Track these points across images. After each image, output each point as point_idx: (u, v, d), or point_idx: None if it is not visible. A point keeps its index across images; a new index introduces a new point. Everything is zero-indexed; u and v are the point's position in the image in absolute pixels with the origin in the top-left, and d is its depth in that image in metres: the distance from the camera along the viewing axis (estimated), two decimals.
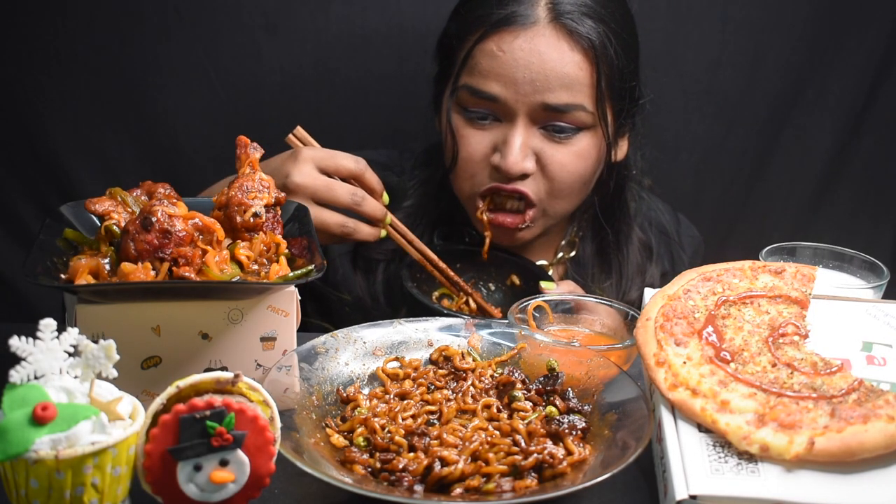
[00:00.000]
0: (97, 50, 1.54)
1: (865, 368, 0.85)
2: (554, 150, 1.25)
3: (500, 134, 1.26)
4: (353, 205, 1.17)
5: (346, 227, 1.17)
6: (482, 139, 1.27)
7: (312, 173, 1.14)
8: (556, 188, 1.28)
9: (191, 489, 0.67)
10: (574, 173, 1.27)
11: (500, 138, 1.26)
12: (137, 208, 0.95)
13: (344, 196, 1.16)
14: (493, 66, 1.23)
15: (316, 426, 0.84)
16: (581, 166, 1.27)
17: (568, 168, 1.26)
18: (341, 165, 1.17)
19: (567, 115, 1.24)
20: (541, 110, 1.23)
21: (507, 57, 1.22)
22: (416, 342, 0.98)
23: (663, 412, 0.81)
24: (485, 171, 1.28)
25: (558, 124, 1.24)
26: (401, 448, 0.80)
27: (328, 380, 0.91)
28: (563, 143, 1.25)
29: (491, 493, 0.75)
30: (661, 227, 1.49)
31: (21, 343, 0.66)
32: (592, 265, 1.44)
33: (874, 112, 1.66)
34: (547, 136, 1.25)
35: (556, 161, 1.26)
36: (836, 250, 1.11)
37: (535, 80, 1.21)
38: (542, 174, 1.27)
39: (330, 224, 1.16)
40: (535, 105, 1.22)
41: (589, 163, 1.28)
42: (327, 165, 1.16)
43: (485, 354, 0.97)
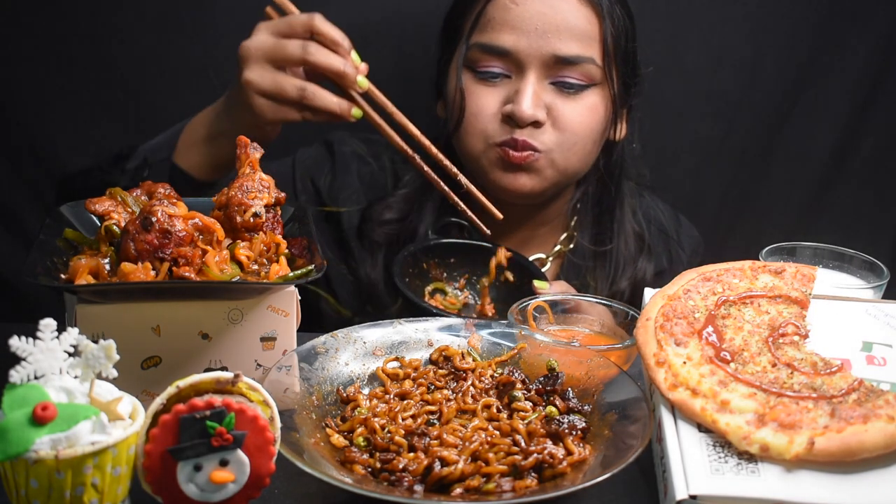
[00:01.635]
0: (97, 50, 1.54)
1: (865, 368, 0.85)
2: (564, 103, 1.28)
3: (511, 88, 1.28)
4: (303, 55, 1.10)
5: (304, 91, 1.10)
6: (493, 94, 1.29)
7: (262, 36, 1.11)
8: (567, 140, 1.29)
9: (191, 489, 0.67)
10: (584, 125, 1.29)
11: (512, 91, 1.28)
12: (137, 208, 0.95)
13: (294, 48, 1.10)
14: (507, 18, 1.25)
15: (316, 426, 0.84)
16: (590, 120, 1.30)
17: (578, 120, 1.29)
18: (293, 23, 1.11)
19: (577, 68, 1.26)
20: (552, 62, 1.25)
21: (520, 9, 1.24)
22: (416, 342, 0.98)
23: (663, 412, 0.81)
24: (495, 123, 1.29)
25: (568, 79, 1.27)
26: (401, 448, 0.80)
27: (328, 380, 0.91)
28: (572, 97, 1.28)
29: (491, 493, 0.75)
30: (661, 226, 1.50)
31: (21, 343, 0.66)
32: (588, 257, 1.44)
33: (874, 112, 1.66)
34: (557, 91, 1.28)
35: (566, 114, 1.28)
36: (836, 250, 1.11)
37: (548, 31, 1.24)
38: (553, 127, 1.28)
39: (286, 88, 1.10)
40: (547, 56, 1.25)
41: (597, 118, 1.31)
42: (279, 27, 1.12)
43: (485, 354, 0.97)
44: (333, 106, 1.12)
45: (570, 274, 1.44)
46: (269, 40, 1.11)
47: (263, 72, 1.11)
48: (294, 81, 1.11)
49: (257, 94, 1.11)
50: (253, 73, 1.11)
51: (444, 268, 1.31)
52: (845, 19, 1.61)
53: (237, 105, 1.15)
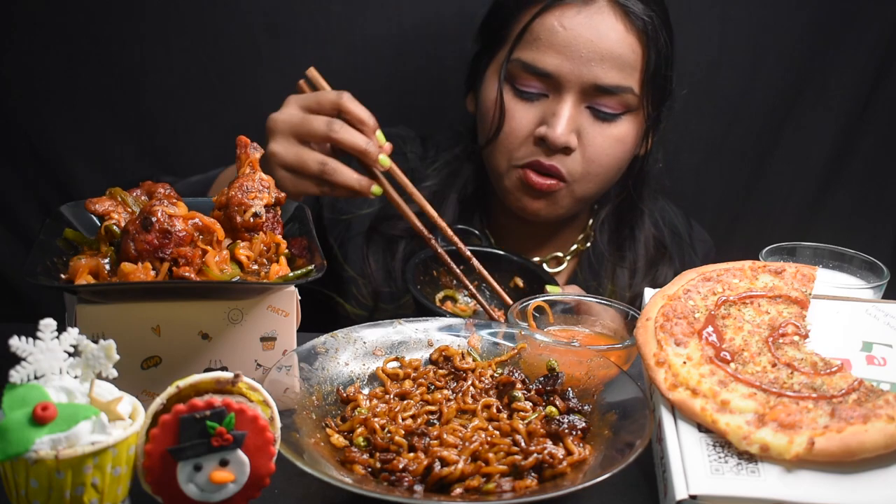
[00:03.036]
0: (97, 49, 1.54)
1: (865, 368, 0.85)
2: (596, 130, 1.28)
3: (547, 108, 1.28)
4: (328, 132, 1.11)
5: (325, 166, 1.11)
6: (529, 112, 1.29)
7: (291, 110, 1.13)
8: (593, 171, 1.30)
9: (191, 489, 0.67)
10: (612, 156, 1.30)
11: (549, 111, 1.27)
12: (137, 208, 0.95)
13: (319, 125, 1.11)
14: (553, 40, 1.24)
15: (316, 426, 0.84)
16: (619, 150, 1.30)
17: (606, 151, 1.29)
18: (322, 100, 1.13)
19: (615, 97, 1.26)
20: (591, 89, 1.25)
21: (568, 33, 1.24)
22: (416, 342, 0.98)
23: (663, 412, 0.81)
24: (528, 144, 1.29)
25: (604, 108, 1.27)
26: (401, 448, 0.80)
27: (328, 380, 0.91)
28: (605, 125, 1.28)
29: (491, 493, 0.75)
30: (674, 229, 1.50)
31: (21, 343, 0.66)
32: (605, 259, 1.45)
33: (874, 112, 1.66)
34: (591, 115, 1.28)
35: (596, 143, 1.28)
36: (836, 250, 1.11)
37: (592, 59, 1.23)
38: (581, 156, 1.29)
39: (307, 163, 1.11)
40: (588, 83, 1.25)
41: (626, 148, 1.31)
42: (308, 103, 1.13)
43: (485, 354, 0.97)
44: (353, 182, 1.13)
45: (587, 274, 1.45)
46: (296, 114, 1.12)
47: (288, 145, 1.12)
48: (316, 156, 1.12)
49: (280, 167, 1.12)
50: (278, 146, 1.12)
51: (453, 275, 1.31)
52: (845, 19, 1.61)
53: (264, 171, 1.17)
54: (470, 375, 0.92)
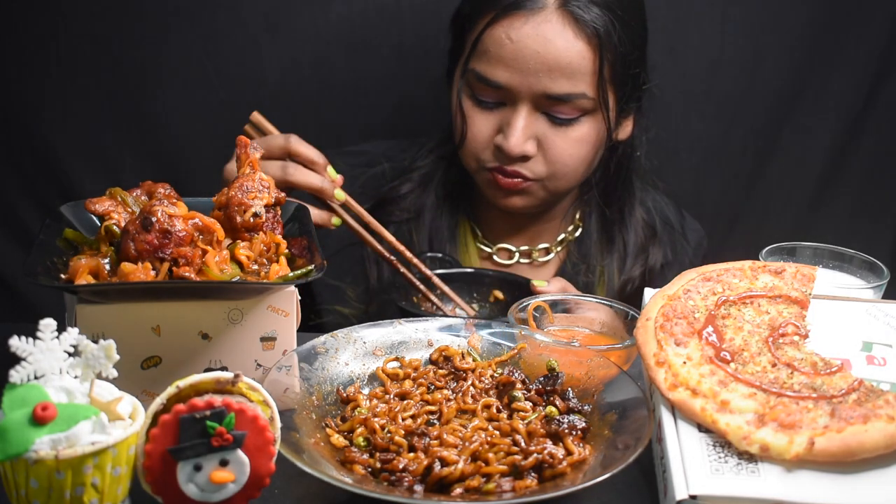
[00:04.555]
0: (97, 50, 1.54)
1: (865, 368, 0.85)
2: (555, 135, 1.29)
3: (505, 116, 1.30)
4: (283, 176, 1.14)
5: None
6: (487, 121, 1.31)
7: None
8: (557, 171, 1.32)
9: (191, 489, 0.67)
10: (574, 157, 1.31)
11: (505, 121, 1.30)
12: (137, 208, 0.95)
13: (274, 170, 1.13)
14: (501, 53, 1.26)
15: (316, 426, 0.84)
16: (581, 151, 1.31)
17: (568, 152, 1.30)
18: (272, 143, 1.16)
19: (568, 104, 1.27)
20: (543, 98, 1.26)
21: (515, 45, 1.24)
22: (416, 342, 0.98)
23: (663, 412, 0.81)
24: (489, 150, 1.32)
25: (559, 115, 1.28)
26: (401, 448, 0.80)
27: (328, 380, 0.91)
28: (564, 129, 1.29)
29: (491, 493, 0.75)
30: (666, 219, 1.51)
31: (21, 343, 0.66)
32: (595, 244, 1.45)
33: (874, 112, 1.66)
34: (548, 121, 1.29)
35: (556, 146, 1.30)
36: (836, 250, 1.11)
37: (539, 71, 1.24)
38: (543, 158, 1.30)
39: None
40: (538, 93, 1.26)
41: (588, 147, 1.32)
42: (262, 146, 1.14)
43: (485, 354, 0.97)
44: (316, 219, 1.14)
45: (577, 259, 1.45)
46: None
47: None
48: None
49: None
50: None
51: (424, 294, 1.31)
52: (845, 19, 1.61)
53: None
54: (470, 375, 0.92)
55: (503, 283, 1.32)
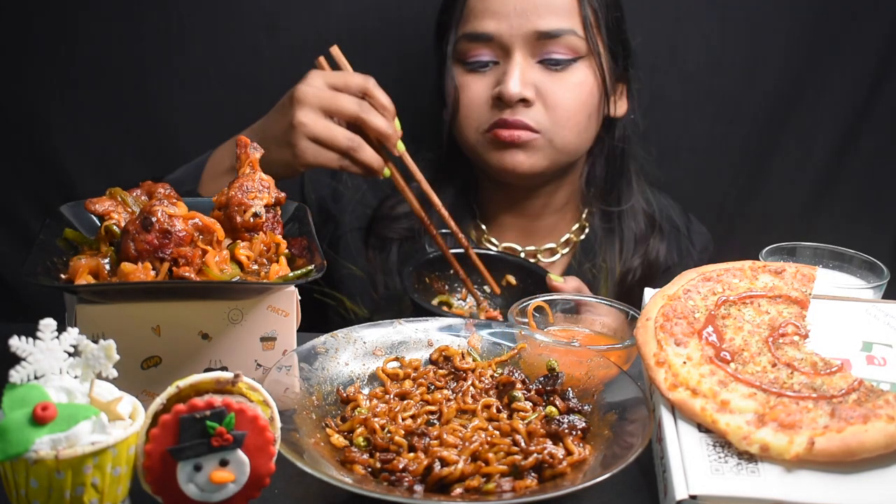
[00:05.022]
0: (97, 50, 1.54)
1: (865, 368, 0.85)
2: (552, 80, 1.31)
3: (499, 72, 1.32)
4: (359, 112, 1.16)
5: (352, 142, 1.16)
6: (482, 82, 1.33)
7: (319, 84, 1.17)
8: (560, 118, 1.32)
9: (191, 489, 0.67)
10: (574, 101, 1.32)
11: (500, 75, 1.31)
12: (137, 208, 0.95)
13: (350, 104, 1.16)
14: (487, 6, 1.30)
15: (316, 426, 0.84)
16: (580, 94, 1.33)
17: (567, 97, 1.32)
18: (350, 81, 1.18)
19: (559, 41, 1.30)
20: (534, 40, 1.29)
21: None
22: (416, 342, 0.98)
23: (663, 412, 0.81)
24: (486, 110, 1.33)
25: (553, 55, 1.30)
26: (401, 448, 0.80)
27: (328, 380, 0.91)
28: (559, 74, 1.31)
29: (491, 493, 0.75)
30: (671, 221, 1.51)
31: (21, 343, 0.66)
32: (600, 239, 1.45)
33: (874, 112, 1.66)
34: (544, 69, 1.31)
35: (554, 93, 1.31)
36: (836, 250, 1.11)
37: (526, 10, 1.28)
38: (544, 106, 1.31)
39: (338, 137, 1.16)
40: (529, 34, 1.29)
41: (586, 91, 1.33)
42: (335, 81, 1.18)
43: (485, 354, 0.97)
44: (374, 162, 1.19)
45: (583, 259, 1.45)
46: (325, 90, 1.17)
47: (317, 118, 1.16)
48: (346, 132, 1.17)
49: (306, 137, 1.16)
50: (306, 117, 1.15)
51: (445, 280, 1.31)
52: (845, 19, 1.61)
53: (274, 142, 1.18)
54: (470, 375, 0.92)
55: (518, 269, 1.32)
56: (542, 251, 1.46)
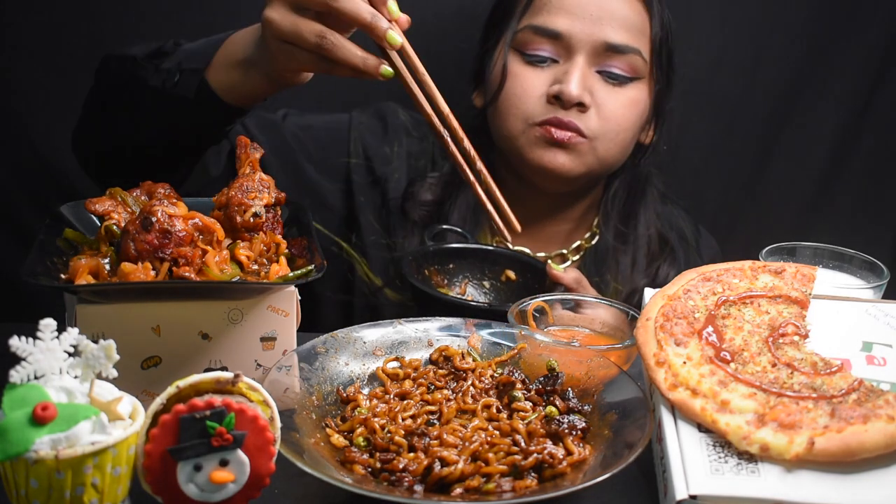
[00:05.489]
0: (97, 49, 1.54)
1: (865, 368, 0.85)
2: (608, 92, 1.30)
3: (558, 71, 1.30)
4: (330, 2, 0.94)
5: (323, 39, 0.95)
6: (539, 76, 1.31)
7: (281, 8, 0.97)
8: (611, 130, 1.31)
9: (191, 489, 0.67)
10: (626, 117, 1.32)
11: (560, 74, 1.29)
12: (137, 208, 0.95)
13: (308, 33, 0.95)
14: (563, 3, 1.29)
15: (316, 426, 0.84)
16: (632, 112, 1.32)
17: (621, 111, 1.31)
18: None
19: (624, 58, 1.29)
20: (601, 49, 1.28)
21: None
22: (415, 342, 0.98)
23: (663, 412, 0.81)
24: (541, 104, 1.30)
25: (614, 69, 1.29)
26: (400, 448, 0.80)
27: (328, 380, 0.91)
28: (616, 88, 1.30)
29: (491, 493, 0.75)
30: (681, 234, 1.50)
31: (21, 343, 0.66)
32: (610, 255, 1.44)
33: (874, 112, 1.66)
34: (602, 80, 1.30)
35: (609, 103, 1.30)
36: (836, 250, 1.11)
37: (602, 18, 1.27)
38: (597, 114, 1.30)
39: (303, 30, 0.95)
40: (598, 42, 1.28)
41: (638, 112, 1.33)
42: None
43: (485, 354, 0.97)
44: (357, 60, 0.96)
45: (591, 271, 1.44)
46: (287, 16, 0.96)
47: (284, 12, 0.96)
48: (313, 27, 0.95)
49: (274, 38, 0.98)
50: (273, 13, 0.97)
51: (445, 274, 1.30)
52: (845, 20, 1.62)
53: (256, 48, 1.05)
54: (470, 375, 0.92)
55: (518, 263, 1.31)
56: (552, 257, 1.45)
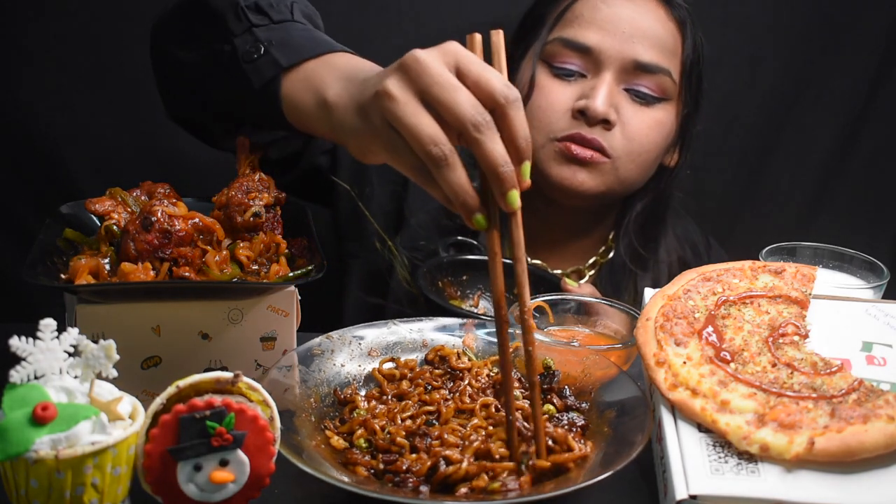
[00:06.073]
0: (97, 49, 1.54)
1: (865, 368, 0.85)
2: (634, 111, 1.28)
3: (585, 86, 1.28)
4: (472, 122, 0.75)
5: (440, 150, 0.76)
6: (565, 90, 1.29)
7: (441, 63, 0.78)
8: (634, 150, 1.29)
9: (191, 489, 0.67)
10: (650, 138, 1.30)
11: (586, 89, 1.28)
12: (137, 208, 0.95)
13: (467, 107, 0.75)
14: (595, 17, 1.27)
15: (315, 428, 0.83)
16: (657, 134, 1.30)
17: (646, 132, 1.29)
18: (484, 78, 0.77)
19: (653, 78, 1.27)
20: (630, 67, 1.26)
21: (610, 10, 1.26)
22: (410, 342, 0.97)
23: (663, 412, 0.81)
24: (566, 118, 1.28)
25: (642, 88, 1.28)
26: (403, 449, 0.79)
27: (325, 382, 0.90)
28: (643, 108, 1.29)
29: (497, 491, 0.75)
30: (694, 248, 1.49)
31: (21, 343, 0.66)
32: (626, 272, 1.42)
33: (874, 112, 1.66)
34: (629, 98, 1.28)
35: (634, 123, 1.28)
36: (836, 250, 1.11)
37: (634, 35, 1.26)
38: (622, 133, 1.28)
39: (422, 133, 0.76)
40: (627, 59, 1.26)
41: (663, 133, 1.31)
42: (469, 69, 0.78)
43: (480, 354, 0.97)
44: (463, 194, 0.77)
45: (607, 287, 1.41)
46: (446, 74, 0.77)
47: (411, 98, 0.78)
48: (436, 132, 0.76)
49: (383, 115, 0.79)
50: (399, 91, 0.78)
51: (458, 286, 1.29)
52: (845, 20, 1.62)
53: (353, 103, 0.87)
54: (467, 375, 0.91)
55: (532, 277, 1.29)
56: (568, 273, 1.42)
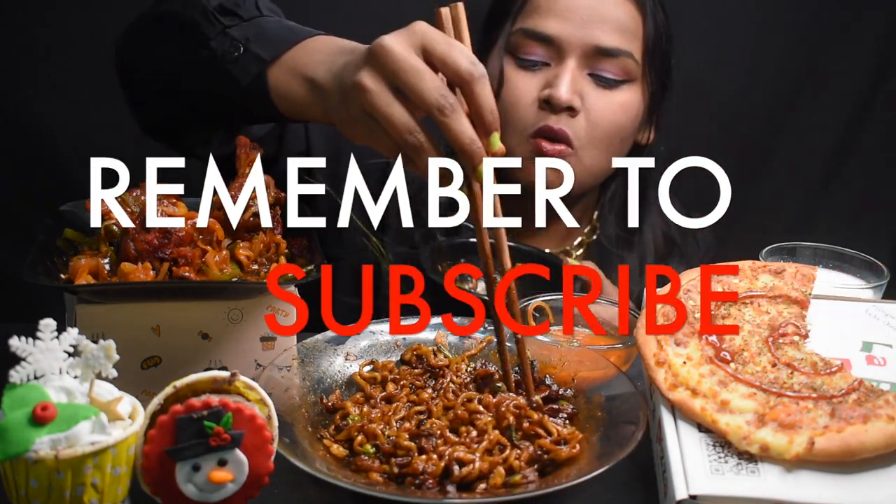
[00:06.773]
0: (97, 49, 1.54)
1: (865, 368, 0.85)
2: (598, 96, 1.29)
3: (549, 74, 1.29)
4: (437, 105, 0.81)
5: (411, 136, 0.82)
6: (531, 80, 1.30)
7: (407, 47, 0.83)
8: (597, 135, 1.30)
9: (189, 489, 0.67)
10: (615, 122, 1.31)
11: (551, 77, 1.29)
12: (137, 208, 0.95)
13: (431, 89, 0.81)
14: (554, 5, 1.28)
15: (313, 438, 0.82)
16: (622, 117, 1.31)
17: (610, 117, 1.30)
18: (450, 57, 0.82)
19: (616, 61, 1.28)
20: (592, 52, 1.27)
21: None
22: (384, 344, 0.96)
23: (663, 412, 0.81)
24: (533, 110, 1.29)
25: (605, 73, 1.28)
26: (411, 451, 0.78)
27: (311, 390, 0.88)
28: (607, 92, 1.29)
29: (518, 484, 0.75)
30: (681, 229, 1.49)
31: (21, 343, 0.66)
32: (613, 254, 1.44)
33: (874, 112, 1.66)
34: (593, 83, 1.29)
35: (599, 107, 1.29)
36: (836, 250, 1.11)
37: (592, 20, 1.26)
38: (586, 118, 1.29)
39: (395, 121, 0.82)
40: (588, 45, 1.27)
41: (629, 115, 1.32)
42: (435, 48, 0.83)
43: (453, 350, 0.96)
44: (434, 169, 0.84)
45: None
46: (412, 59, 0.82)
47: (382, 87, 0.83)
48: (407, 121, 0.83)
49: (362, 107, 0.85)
50: (369, 80, 0.83)
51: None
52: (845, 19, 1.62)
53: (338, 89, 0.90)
54: (447, 372, 0.90)
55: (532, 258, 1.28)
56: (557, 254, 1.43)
